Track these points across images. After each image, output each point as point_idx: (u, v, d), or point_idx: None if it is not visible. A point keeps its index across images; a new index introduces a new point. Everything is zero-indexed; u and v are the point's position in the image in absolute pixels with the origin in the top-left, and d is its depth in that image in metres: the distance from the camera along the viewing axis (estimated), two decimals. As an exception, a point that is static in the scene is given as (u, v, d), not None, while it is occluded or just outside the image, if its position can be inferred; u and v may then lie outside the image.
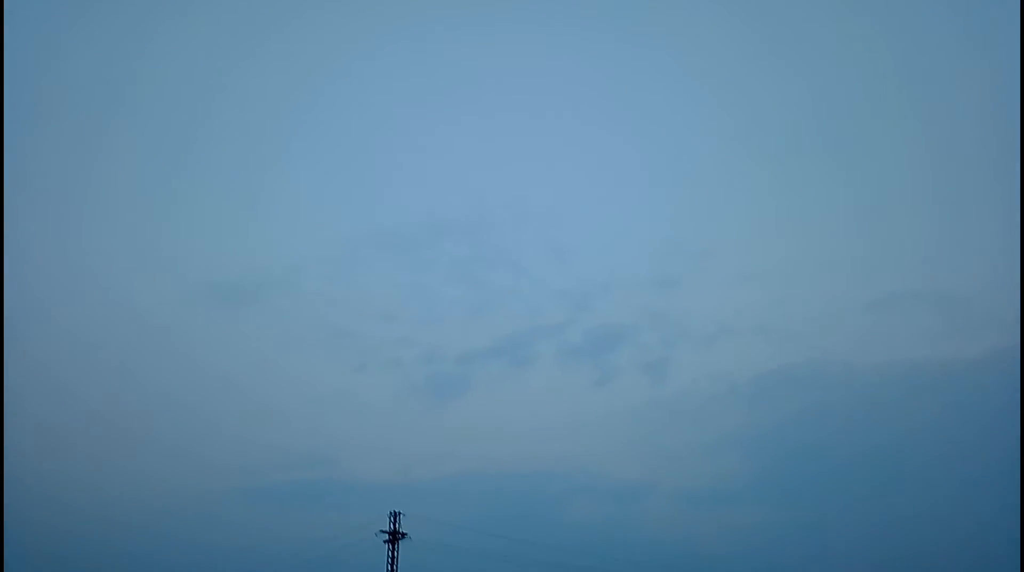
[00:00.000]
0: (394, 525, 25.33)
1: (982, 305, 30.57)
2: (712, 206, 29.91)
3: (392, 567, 26.11)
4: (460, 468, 30.10)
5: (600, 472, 29.31)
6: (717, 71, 36.85)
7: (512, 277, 28.83)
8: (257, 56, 35.39)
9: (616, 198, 29.19)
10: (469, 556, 27.46)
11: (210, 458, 29.75)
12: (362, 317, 29.31)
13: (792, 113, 37.46)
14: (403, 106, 32.54)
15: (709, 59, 36.09)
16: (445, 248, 29.49)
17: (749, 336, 32.27)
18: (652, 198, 30.06)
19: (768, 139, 37.22)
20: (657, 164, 30.51)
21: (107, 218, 32.33)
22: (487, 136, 31.05)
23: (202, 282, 29.54)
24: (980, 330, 30.77)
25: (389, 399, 29.82)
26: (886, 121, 37.25)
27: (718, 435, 30.90)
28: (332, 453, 29.13)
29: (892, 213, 37.25)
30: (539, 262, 29.11)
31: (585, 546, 28.83)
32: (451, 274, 28.97)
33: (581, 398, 29.52)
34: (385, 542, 25.49)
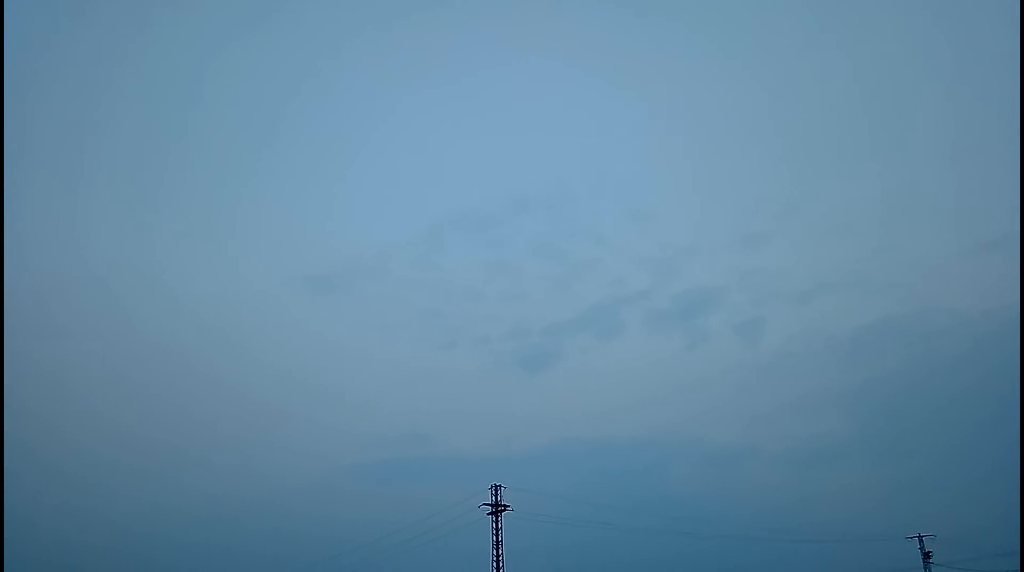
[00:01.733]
0: (496, 497, 25.73)
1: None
2: (798, 158, 29.44)
3: (496, 538, 26.51)
4: (555, 437, 30.46)
5: (696, 437, 29.15)
6: (801, 21, 36.22)
7: (594, 248, 29.16)
8: (345, 48, 36.67)
9: (696, 158, 29.15)
10: (569, 525, 27.70)
11: (323, 442, 30.92)
12: (448, 297, 30.10)
13: (882, 56, 36.48)
14: (476, 88, 33.19)
15: (791, 10, 35.64)
16: (525, 224, 30.07)
17: (846, 290, 31.63)
18: (734, 155, 29.85)
19: (856, 85, 36.37)
20: (737, 120, 30.32)
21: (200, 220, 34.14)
22: (561, 109, 31.52)
23: (298, 275, 30.79)
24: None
25: (480, 374, 30.51)
26: (982, 57, 35.82)
27: (817, 393, 30.34)
28: (431, 429, 29.93)
29: (990, 152, 35.81)
30: (620, 230, 29.30)
31: (685, 512, 28.78)
32: (532, 249, 29.53)
33: (672, 364, 29.54)
34: (488, 515, 25.88)
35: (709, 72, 33.34)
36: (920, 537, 24.20)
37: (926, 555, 23.99)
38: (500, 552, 25.08)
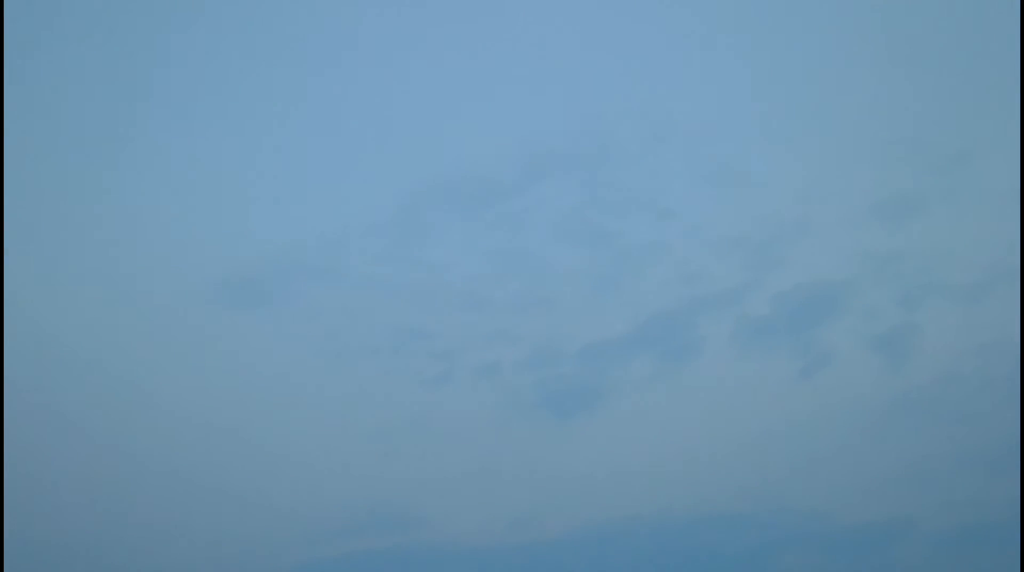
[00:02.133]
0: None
1: None
2: (964, 82, 19.39)
3: None
4: (601, 515, 21.12)
5: (819, 509, 19.84)
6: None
7: (654, 226, 19.48)
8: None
9: (803, 89, 19.19)
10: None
11: (257, 528, 21.34)
12: (437, 306, 20.54)
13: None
14: (470, 18, 23.23)
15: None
16: (548, 194, 20.13)
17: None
18: (862, 80, 20.01)
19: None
20: (864, 29, 20.34)
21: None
22: (598, 27, 21.53)
23: (210, 282, 20.99)
24: None
25: (487, 421, 20.86)
26: None
27: (1000, 436, 20.86)
28: (415, 506, 20.57)
29: None
30: (694, 199, 19.35)
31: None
32: (561, 232, 19.81)
33: (778, 398, 19.98)
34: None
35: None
36: None
37: None
38: None
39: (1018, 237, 17.54)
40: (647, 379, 19.81)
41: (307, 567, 18.71)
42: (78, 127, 20.80)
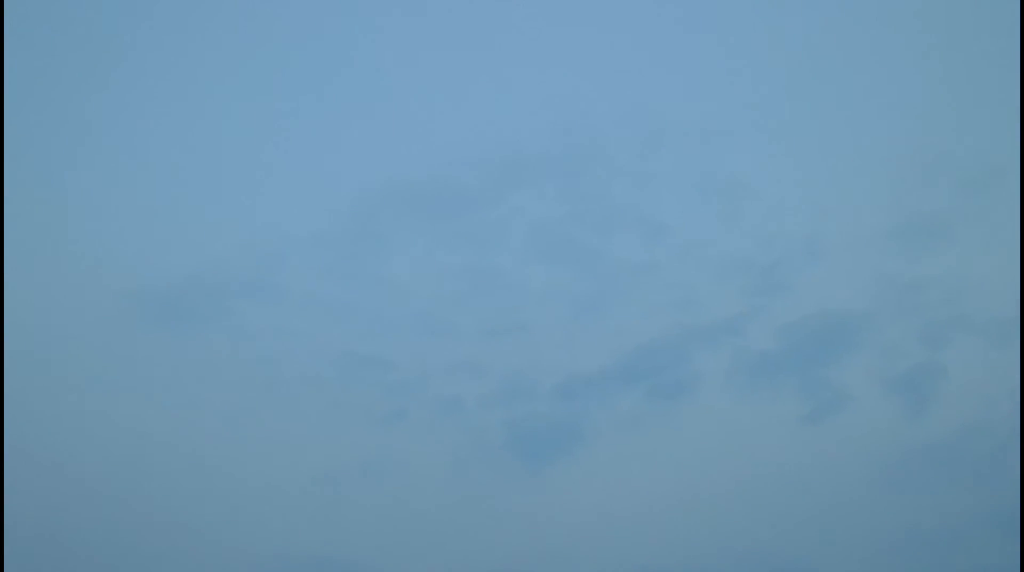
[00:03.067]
0: None
1: None
2: (1002, 97, 17.25)
3: None
4: None
5: (831, 568, 17.76)
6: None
7: (644, 244, 17.31)
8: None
9: (822, 93, 17.09)
10: None
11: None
12: (393, 331, 18.08)
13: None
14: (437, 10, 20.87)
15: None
16: (526, 204, 17.80)
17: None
18: (886, 88, 17.85)
19: None
20: (888, 32, 18.19)
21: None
22: (588, 20, 19.32)
23: (126, 295, 18.20)
24: None
25: (447, 466, 18.37)
26: None
27: None
28: (364, 561, 18.10)
29: None
30: (689, 216, 17.13)
31: None
32: (539, 248, 17.56)
33: (782, 445, 17.81)
34: None
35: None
36: None
37: None
38: None
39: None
40: (632, 420, 17.46)
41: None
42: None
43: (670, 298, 16.83)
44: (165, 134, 17.92)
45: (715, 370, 16.71)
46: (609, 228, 17.39)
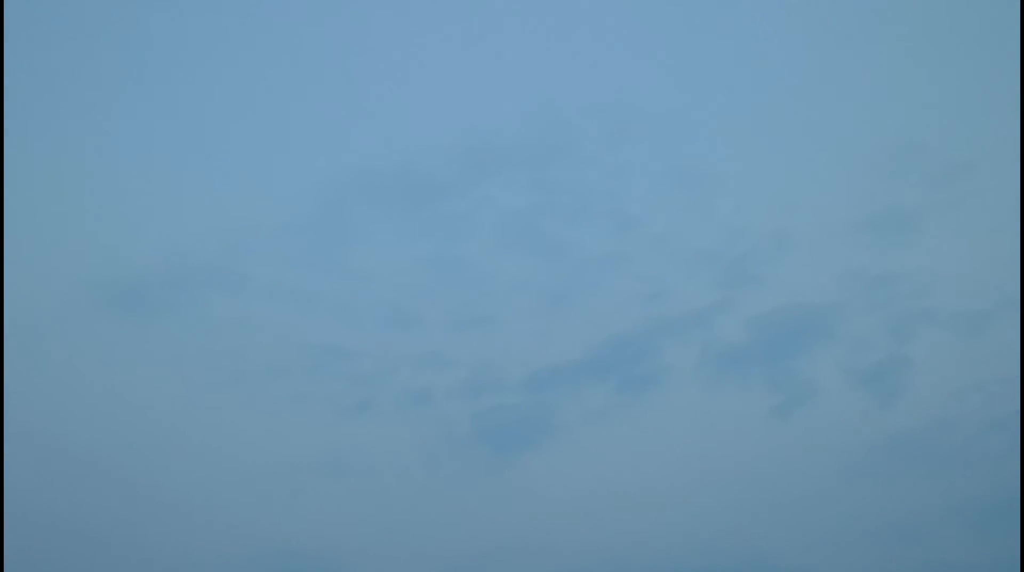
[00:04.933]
0: None
1: None
2: (973, 88, 17.15)
3: None
4: (538, 569, 18.69)
5: (795, 565, 17.65)
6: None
7: (613, 236, 17.22)
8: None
9: (790, 81, 17.08)
10: None
11: (140, 557, 18.33)
12: (357, 322, 17.86)
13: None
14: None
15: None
16: (494, 194, 17.64)
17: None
18: (855, 78, 17.85)
19: None
20: (861, 26, 18.23)
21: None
22: (558, 6, 19.19)
23: (88, 284, 17.92)
24: None
25: (413, 460, 18.20)
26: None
27: (1003, 488, 18.77)
28: (328, 555, 17.91)
29: None
30: (659, 207, 17.07)
31: None
32: (507, 238, 17.41)
33: (751, 437, 17.75)
34: None
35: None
36: None
37: None
38: None
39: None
40: (602, 411, 17.39)
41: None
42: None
43: (640, 290, 16.75)
44: (131, 123, 17.60)
45: (684, 362, 16.67)
46: (578, 219, 17.28)
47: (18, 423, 15.68)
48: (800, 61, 17.50)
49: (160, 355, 16.87)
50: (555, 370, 16.95)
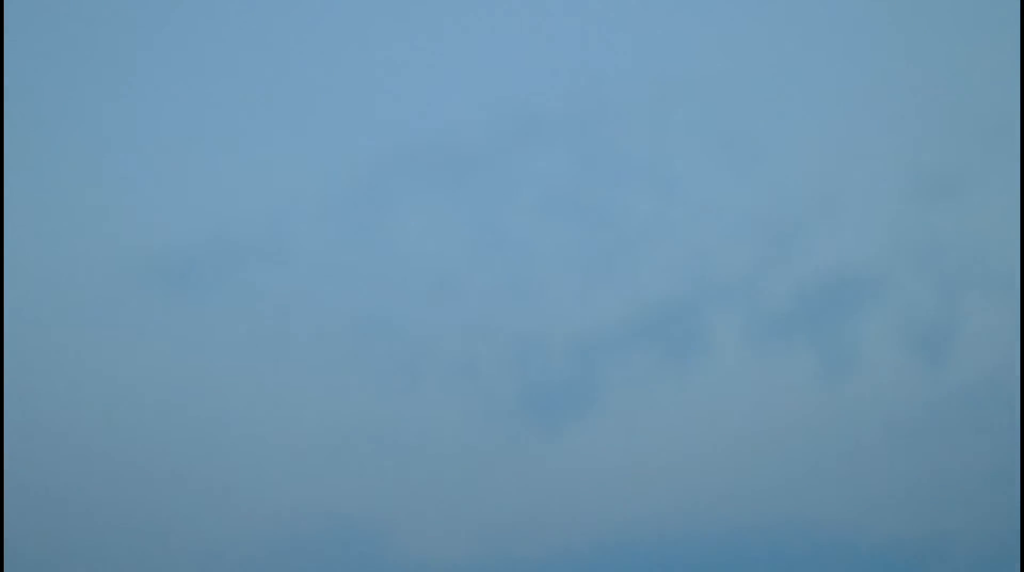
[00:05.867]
0: None
1: None
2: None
3: None
4: (586, 537, 19.04)
5: (842, 524, 18.02)
6: None
7: (656, 202, 17.39)
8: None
9: (835, 39, 17.20)
10: None
11: (188, 549, 18.90)
12: (400, 294, 18.06)
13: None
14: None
15: None
16: (532, 161, 17.76)
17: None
18: (902, 46, 17.70)
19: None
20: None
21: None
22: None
23: (137, 263, 18.26)
24: None
25: (460, 428, 18.61)
26: None
27: None
28: (375, 520, 18.42)
29: None
30: (703, 173, 17.32)
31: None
32: (548, 207, 17.58)
33: (797, 401, 18.08)
34: None
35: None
36: None
37: None
38: None
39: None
40: (646, 377, 17.45)
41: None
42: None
43: (683, 256, 16.72)
44: (178, 102, 17.67)
45: (729, 328, 16.67)
46: (619, 186, 17.21)
47: (72, 393, 16.05)
48: (844, 23, 17.22)
49: (206, 330, 17.09)
50: (599, 338, 17.00)
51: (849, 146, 17.21)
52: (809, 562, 16.49)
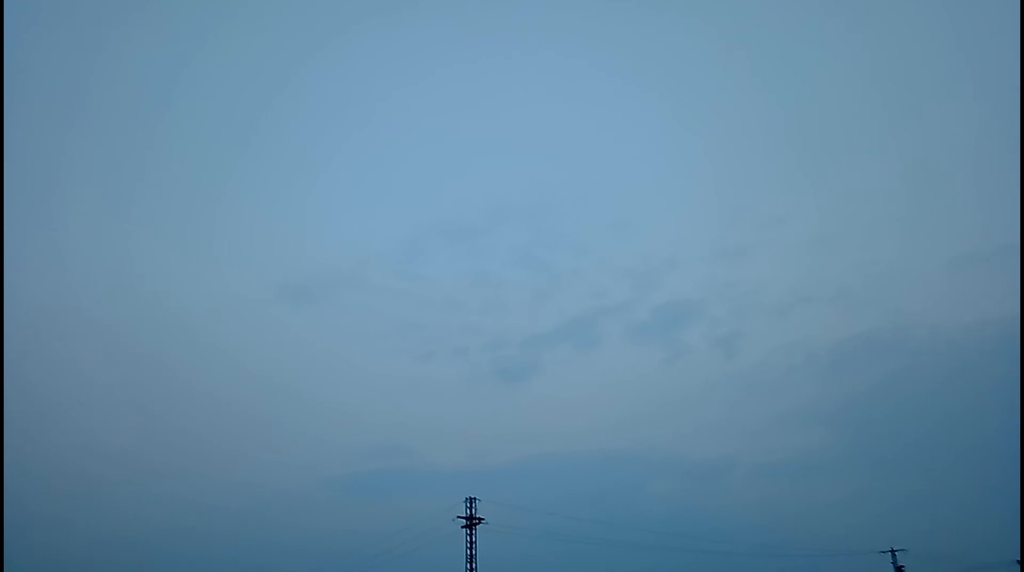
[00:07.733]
0: (471, 511, 25.92)
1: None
2: (784, 170, 29.66)
3: (471, 551, 26.60)
4: (533, 451, 30.25)
5: (675, 451, 28.76)
6: (775, 38, 36.06)
7: (574, 258, 29.18)
8: (323, 51, 36.87)
9: (679, 170, 29.52)
10: (546, 538, 27.74)
11: (304, 452, 30.60)
12: (427, 307, 30.25)
13: (869, 68, 36.21)
14: (455, 101, 33.57)
15: (760, 27, 35.64)
16: (505, 234, 30.21)
17: (827, 303, 31.36)
18: (717, 167, 30.26)
19: (842, 95, 36.11)
20: (719, 134, 30.75)
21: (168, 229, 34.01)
22: (543, 117, 31.98)
23: (278, 283, 31.15)
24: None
25: (458, 386, 30.42)
26: (967, 75, 35.56)
27: (797, 407, 29.90)
28: (409, 441, 29.72)
29: (971, 167, 35.53)
30: (602, 241, 29.38)
31: (664, 527, 28.65)
32: (513, 259, 29.59)
33: (652, 377, 29.24)
34: (463, 527, 25.97)
35: (694, 83, 34.16)
36: (893, 552, 24.15)
37: (898, 569, 23.96)
38: (474, 565, 25.19)
39: (820, 275, 27.25)
40: (565, 361, 29.65)
41: (337, 479, 28.22)
42: (212, 141, 31.43)
43: (588, 290, 28.97)
44: (301, 178, 30.63)
45: (613, 333, 28.79)
46: (554, 249, 29.60)
47: (244, 358, 28.56)
48: (683, 152, 29.52)
49: (318, 326, 29.65)
50: (540, 336, 29.28)
51: (682, 232, 28.93)
52: (656, 466, 27.89)
